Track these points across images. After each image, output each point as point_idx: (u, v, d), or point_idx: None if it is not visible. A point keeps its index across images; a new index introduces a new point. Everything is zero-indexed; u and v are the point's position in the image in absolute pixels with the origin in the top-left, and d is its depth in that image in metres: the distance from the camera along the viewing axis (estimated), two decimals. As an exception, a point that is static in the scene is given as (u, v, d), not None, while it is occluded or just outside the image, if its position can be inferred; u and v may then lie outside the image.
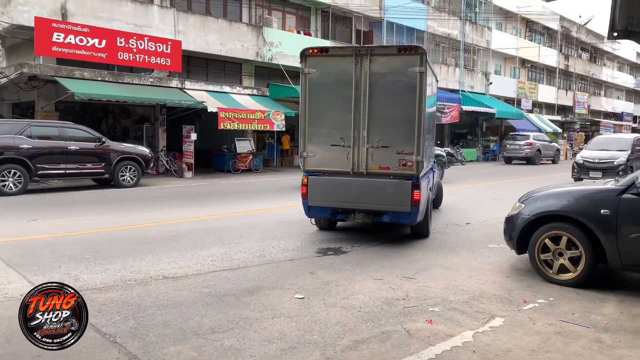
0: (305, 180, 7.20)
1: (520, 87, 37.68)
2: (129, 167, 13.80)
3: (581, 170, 15.36)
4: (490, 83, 34.33)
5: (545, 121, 36.80)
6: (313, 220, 7.99)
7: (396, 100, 6.86)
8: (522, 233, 5.48)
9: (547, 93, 41.54)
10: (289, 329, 3.96)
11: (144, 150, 14.71)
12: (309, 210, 7.34)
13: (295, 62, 22.08)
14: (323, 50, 7.22)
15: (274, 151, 22.79)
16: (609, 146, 15.94)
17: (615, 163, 14.81)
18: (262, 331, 3.91)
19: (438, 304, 4.58)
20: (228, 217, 9.24)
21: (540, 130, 32.48)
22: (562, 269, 5.20)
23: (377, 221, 7.25)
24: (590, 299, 4.79)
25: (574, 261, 5.13)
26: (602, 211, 4.92)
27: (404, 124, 6.82)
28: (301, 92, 7.23)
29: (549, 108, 42.19)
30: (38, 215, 9.07)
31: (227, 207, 10.52)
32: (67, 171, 12.73)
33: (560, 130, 38.28)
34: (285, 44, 21.90)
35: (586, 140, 32.44)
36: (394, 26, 27.29)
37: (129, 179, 13.80)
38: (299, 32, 23.37)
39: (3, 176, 11.57)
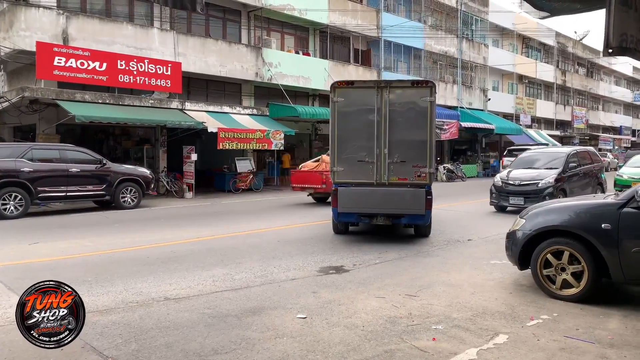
0: (335, 190, 8.57)
1: (518, 103, 37.93)
2: (129, 188, 13.83)
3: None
4: (489, 99, 34.57)
5: (544, 136, 36.93)
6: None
7: (411, 124, 8.47)
8: (524, 248, 5.47)
9: (546, 108, 41.80)
10: (292, 349, 3.94)
11: (145, 171, 14.75)
12: (339, 216, 8.72)
13: (294, 81, 22.43)
14: (349, 83, 8.90)
15: (275, 170, 22.84)
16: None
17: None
18: (265, 352, 3.88)
19: (441, 321, 4.56)
20: (229, 237, 9.23)
21: (539, 145, 32.56)
22: (565, 284, 5.18)
23: (395, 223, 8.73)
24: (594, 314, 4.76)
25: (577, 276, 5.11)
26: (603, 225, 4.92)
27: (418, 143, 8.43)
28: (330, 117, 8.72)
29: (548, 123, 42.39)
30: (39, 238, 9.07)
31: (228, 227, 10.52)
32: (68, 194, 12.75)
33: (559, 145, 38.37)
34: (284, 64, 22.14)
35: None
36: (391, 45, 27.60)
37: (129, 200, 13.81)
38: (297, 52, 23.65)
39: (4, 200, 11.59)
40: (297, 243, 8.48)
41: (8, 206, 11.63)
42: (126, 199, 13.76)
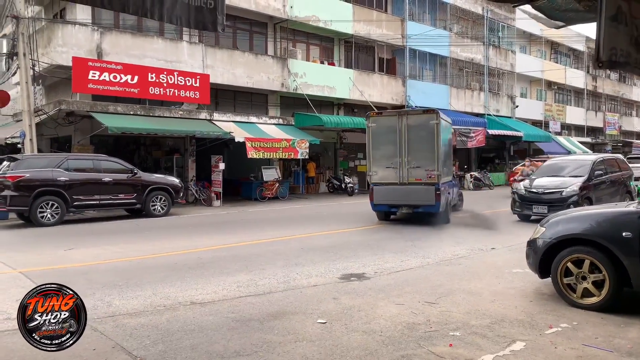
0: (371, 189, 12.09)
1: (547, 110, 37.29)
2: (159, 197, 14.25)
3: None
4: (517, 106, 34.11)
5: (574, 143, 36.17)
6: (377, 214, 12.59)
7: (423, 140, 11.60)
8: (544, 256, 5.47)
9: (576, 115, 40.95)
10: (311, 352, 4.07)
11: (174, 180, 15.17)
12: (375, 206, 12.16)
13: (319, 91, 22.69)
14: (379, 113, 12.98)
15: (300, 179, 23.08)
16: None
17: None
18: (285, 354, 4.03)
19: (459, 328, 4.62)
20: (254, 245, 9.44)
21: (569, 152, 31.93)
22: (586, 293, 5.16)
23: (415, 211, 11.82)
24: (615, 323, 4.74)
25: (598, 285, 5.09)
26: (624, 234, 4.90)
27: (429, 153, 11.53)
28: (367, 137, 12.24)
29: (578, 130, 41.49)
30: (74, 244, 9.47)
31: (253, 234, 10.74)
32: (101, 202, 13.24)
33: (590, 152, 37.50)
34: (310, 74, 22.44)
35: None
36: (416, 53, 27.63)
37: (159, 208, 14.22)
38: (322, 62, 23.91)
39: (42, 208, 12.12)
40: (320, 250, 8.62)
41: (45, 214, 12.16)
42: (156, 207, 14.17)
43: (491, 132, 28.62)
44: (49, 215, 12.23)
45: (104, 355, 4.05)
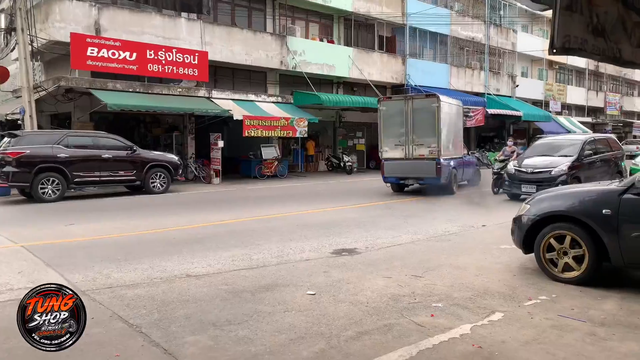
0: (382, 164, 13.94)
1: (548, 89, 37.16)
2: (159, 174, 14.43)
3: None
4: (517, 85, 34.00)
5: (574, 123, 36.19)
6: (389, 185, 14.54)
7: (425, 120, 13.28)
8: (528, 232, 5.65)
9: (577, 95, 40.81)
10: (299, 321, 4.28)
11: (173, 157, 15.33)
12: (385, 179, 14.11)
13: (318, 69, 22.63)
14: (388, 98, 15.76)
15: (299, 157, 23.21)
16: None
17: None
18: (274, 323, 4.24)
19: (442, 300, 4.82)
20: (251, 221, 9.64)
21: (568, 132, 31.95)
22: (567, 268, 5.35)
23: (421, 184, 13.81)
24: (592, 296, 4.94)
25: (578, 260, 5.28)
26: (604, 211, 5.06)
27: (430, 132, 13.24)
28: (378, 119, 14.31)
29: (579, 110, 41.41)
30: (74, 220, 9.68)
31: (251, 211, 10.95)
32: (101, 178, 13.43)
33: (590, 132, 37.52)
34: (309, 52, 22.37)
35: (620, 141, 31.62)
36: (417, 31, 27.44)
37: (159, 185, 14.41)
38: (322, 40, 23.81)
39: (42, 184, 12.31)
40: (315, 227, 8.82)
41: (46, 190, 12.36)
42: (155, 184, 14.36)
43: (490, 111, 28.63)
44: (49, 192, 12.42)
45: (102, 324, 4.26)
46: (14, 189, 13.28)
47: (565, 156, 12.20)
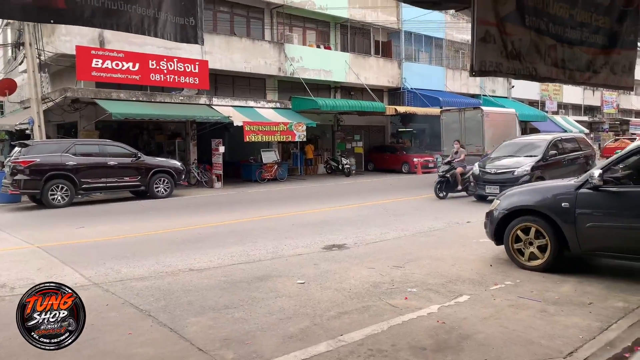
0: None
1: (544, 89, 37.64)
2: (162, 179, 15.04)
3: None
4: (512, 86, 34.49)
5: (571, 122, 36.65)
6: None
7: (474, 127, 17.81)
8: (499, 225, 6.23)
9: (573, 94, 41.25)
10: (288, 305, 4.86)
11: (176, 163, 15.95)
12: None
13: (315, 75, 23.22)
14: (447, 110, 20.01)
15: (299, 160, 23.81)
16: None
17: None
18: (266, 307, 4.82)
19: (417, 286, 5.40)
20: (250, 222, 10.24)
21: (565, 132, 32.44)
22: (532, 256, 5.92)
23: None
24: (552, 280, 5.51)
25: (542, 249, 5.84)
26: (563, 204, 5.63)
27: (477, 136, 17.64)
28: (441, 127, 19.27)
29: (576, 109, 41.90)
30: (84, 223, 10.30)
31: (251, 212, 11.54)
32: (108, 184, 14.06)
33: (587, 131, 37.99)
34: (306, 59, 22.99)
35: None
36: (412, 35, 28.04)
37: (162, 190, 15.03)
38: (319, 47, 24.42)
39: (52, 190, 12.95)
40: (310, 226, 9.40)
41: (56, 196, 12.99)
42: (159, 189, 14.97)
43: (486, 112, 29.12)
44: (59, 198, 13.05)
45: (116, 309, 4.87)
46: (25, 196, 13.91)
47: (530, 156, 12.31)
